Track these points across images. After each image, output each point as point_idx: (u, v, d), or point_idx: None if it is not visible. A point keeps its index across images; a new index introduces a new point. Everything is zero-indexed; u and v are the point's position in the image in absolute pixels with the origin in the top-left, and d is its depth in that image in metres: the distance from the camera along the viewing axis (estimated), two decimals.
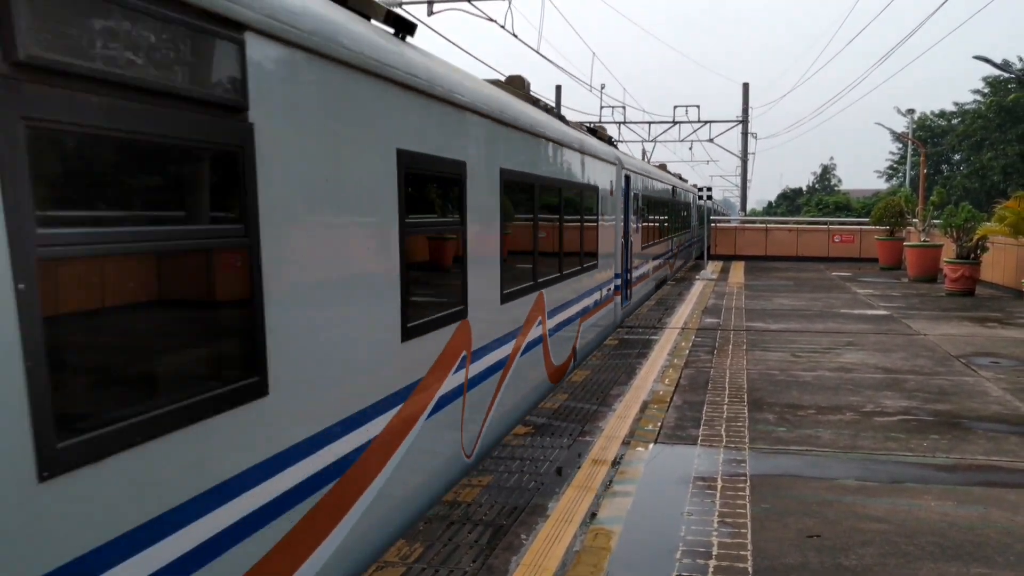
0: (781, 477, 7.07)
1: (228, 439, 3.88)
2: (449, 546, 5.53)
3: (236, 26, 3.80)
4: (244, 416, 3.96)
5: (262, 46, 4.03)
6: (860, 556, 5.45)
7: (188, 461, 3.61)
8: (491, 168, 7.83)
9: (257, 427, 4.09)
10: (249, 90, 3.94)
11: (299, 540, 4.46)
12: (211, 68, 3.71)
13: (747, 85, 48.32)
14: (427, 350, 6.36)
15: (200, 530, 3.66)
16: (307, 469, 4.56)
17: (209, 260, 3.93)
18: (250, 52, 3.92)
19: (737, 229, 39.00)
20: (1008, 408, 9.44)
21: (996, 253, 22.24)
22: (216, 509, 3.77)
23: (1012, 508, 6.34)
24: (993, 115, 55.04)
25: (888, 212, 31.04)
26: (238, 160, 3.91)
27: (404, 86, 5.73)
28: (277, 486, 4.25)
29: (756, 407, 9.40)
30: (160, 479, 3.43)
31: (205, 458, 3.73)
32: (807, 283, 25.12)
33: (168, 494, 3.48)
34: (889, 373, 11.36)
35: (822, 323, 16.35)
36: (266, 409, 4.15)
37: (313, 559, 4.62)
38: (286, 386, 4.30)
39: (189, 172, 3.85)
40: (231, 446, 3.91)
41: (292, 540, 4.38)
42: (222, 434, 3.83)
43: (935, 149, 62.40)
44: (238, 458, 3.96)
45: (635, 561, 5.44)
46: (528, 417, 8.92)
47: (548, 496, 6.52)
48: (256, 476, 4.08)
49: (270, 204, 4.12)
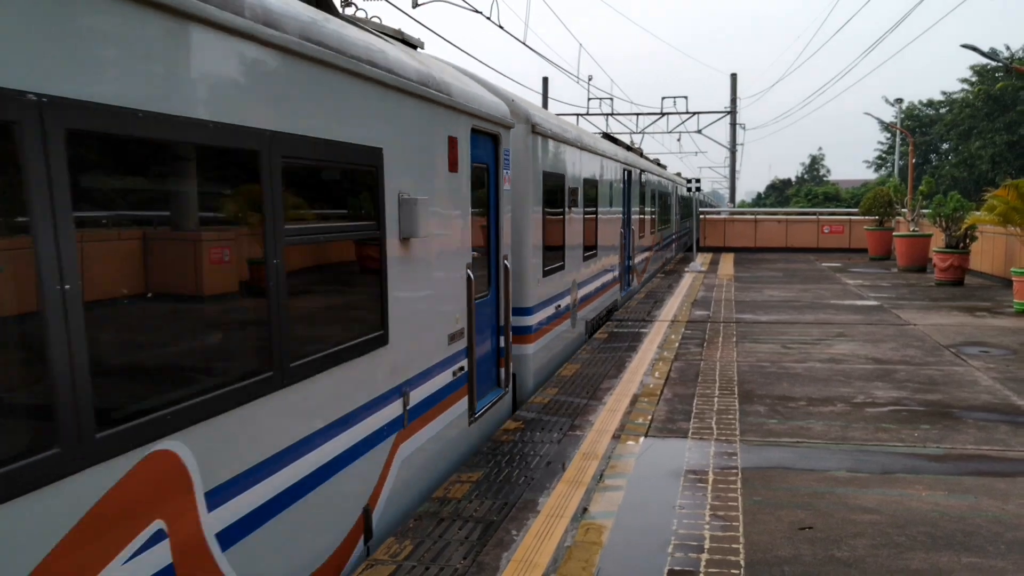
0: (772, 469, 7.06)
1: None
2: (439, 543, 5.50)
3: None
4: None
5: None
6: (852, 547, 5.44)
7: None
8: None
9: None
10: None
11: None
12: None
13: (735, 76, 48.27)
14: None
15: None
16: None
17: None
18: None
19: (726, 221, 39.01)
20: (998, 397, 9.46)
21: (985, 242, 22.29)
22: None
23: (1002, 497, 6.34)
24: (981, 104, 55.20)
25: (877, 202, 31.12)
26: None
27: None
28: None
29: (747, 399, 9.39)
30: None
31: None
32: (797, 274, 25.16)
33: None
34: (879, 364, 11.37)
35: (812, 314, 16.37)
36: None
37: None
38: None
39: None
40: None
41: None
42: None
43: (923, 139, 62.58)
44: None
45: (627, 555, 5.41)
46: (518, 412, 8.89)
47: (539, 491, 6.50)
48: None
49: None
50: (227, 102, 3.94)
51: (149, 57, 3.43)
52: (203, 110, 3.74)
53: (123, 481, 3.27)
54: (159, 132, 3.49)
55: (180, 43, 3.61)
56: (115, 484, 3.22)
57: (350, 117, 5.20)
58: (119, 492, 3.24)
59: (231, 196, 4.30)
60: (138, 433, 3.35)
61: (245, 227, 4.30)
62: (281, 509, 4.43)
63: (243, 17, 3.95)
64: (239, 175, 4.26)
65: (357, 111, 5.32)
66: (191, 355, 3.96)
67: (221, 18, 3.79)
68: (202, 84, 3.77)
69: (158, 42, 3.47)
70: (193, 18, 3.63)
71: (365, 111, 5.45)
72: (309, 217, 5.03)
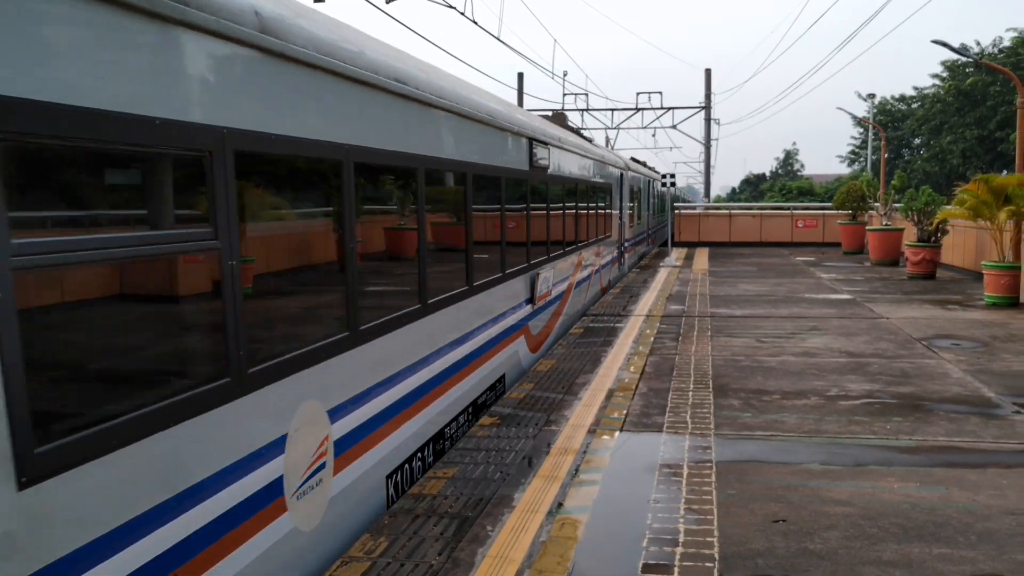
0: (747, 463, 7.10)
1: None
2: (415, 539, 5.48)
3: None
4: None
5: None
6: (825, 540, 5.48)
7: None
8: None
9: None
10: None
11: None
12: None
13: (709, 71, 48.50)
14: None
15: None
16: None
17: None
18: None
19: (701, 216, 39.17)
20: (968, 389, 9.56)
21: (956, 236, 22.53)
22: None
23: (973, 488, 6.41)
24: (952, 99, 55.79)
25: (850, 197, 31.36)
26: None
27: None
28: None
29: (721, 393, 9.43)
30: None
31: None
32: (771, 269, 25.31)
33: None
34: (852, 357, 11.46)
35: (786, 308, 16.47)
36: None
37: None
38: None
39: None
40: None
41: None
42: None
43: (896, 133, 63.13)
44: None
45: (602, 550, 5.42)
46: (494, 408, 8.89)
47: (514, 487, 6.49)
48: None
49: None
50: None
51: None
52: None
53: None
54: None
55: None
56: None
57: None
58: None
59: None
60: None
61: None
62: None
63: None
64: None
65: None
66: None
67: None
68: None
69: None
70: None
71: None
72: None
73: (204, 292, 4.34)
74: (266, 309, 5.05)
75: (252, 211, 4.80)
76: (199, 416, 3.98)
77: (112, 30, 3.43)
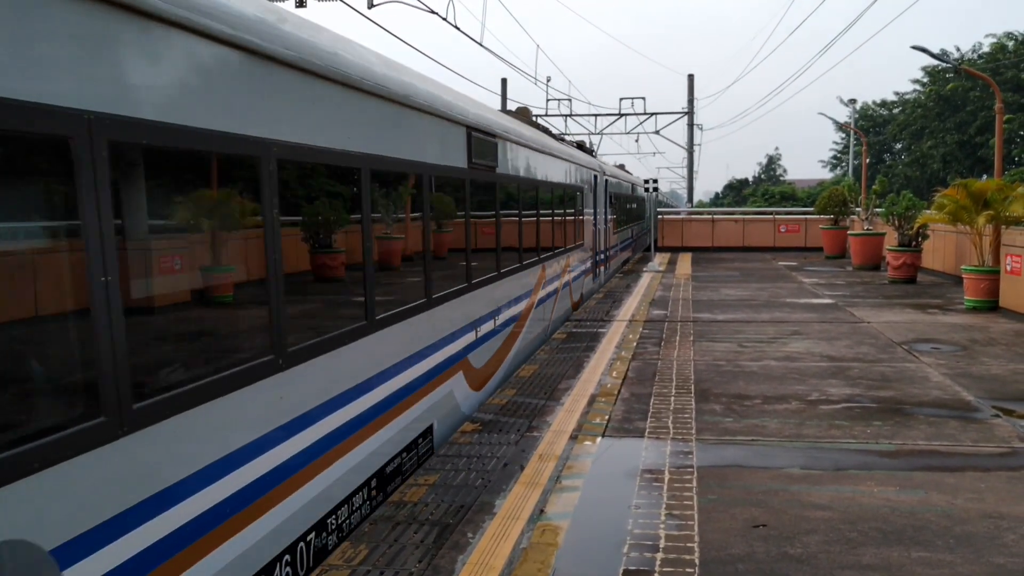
0: (728, 468, 7.11)
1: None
2: (395, 547, 5.46)
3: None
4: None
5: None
6: (805, 544, 5.50)
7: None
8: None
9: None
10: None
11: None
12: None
13: (692, 77, 48.76)
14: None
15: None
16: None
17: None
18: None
19: (684, 221, 39.31)
20: (948, 393, 9.62)
21: (936, 240, 22.69)
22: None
23: (951, 492, 6.44)
24: (932, 104, 56.24)
25: (832, 201, 31.55)
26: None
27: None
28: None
29: (703, 398, 9.45)
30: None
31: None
32: (753, 273, 25.41)
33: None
34: (833, 361, 11.51)
35: (768, 313, 16.54)
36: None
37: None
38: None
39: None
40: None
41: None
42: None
43: (877, 138, 63.59)
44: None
45: (582, 556, 5.42)
46: (475, 414, 8.87)
47: (495, 493, 6.48)
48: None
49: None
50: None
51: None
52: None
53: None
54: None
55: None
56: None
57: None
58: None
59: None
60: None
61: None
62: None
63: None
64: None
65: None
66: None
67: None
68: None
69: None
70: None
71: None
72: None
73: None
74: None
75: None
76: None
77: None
